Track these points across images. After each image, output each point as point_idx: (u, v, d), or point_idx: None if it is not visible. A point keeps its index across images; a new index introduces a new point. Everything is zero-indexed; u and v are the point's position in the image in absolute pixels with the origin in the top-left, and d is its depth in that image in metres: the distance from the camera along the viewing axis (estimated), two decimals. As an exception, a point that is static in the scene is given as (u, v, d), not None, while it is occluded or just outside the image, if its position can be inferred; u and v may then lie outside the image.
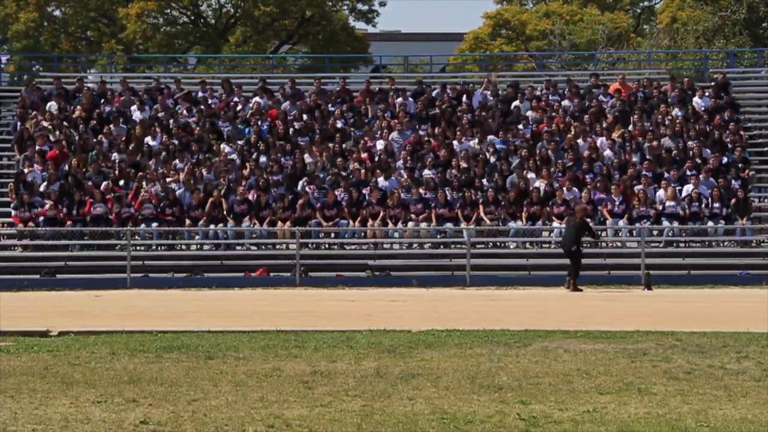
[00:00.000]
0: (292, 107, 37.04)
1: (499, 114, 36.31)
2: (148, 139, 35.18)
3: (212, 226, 32.05)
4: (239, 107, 37.04)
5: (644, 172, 33.00)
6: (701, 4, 58.31)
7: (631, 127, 35.27)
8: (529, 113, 36.31)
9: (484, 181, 33.01)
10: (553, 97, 37.29)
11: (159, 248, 32.53)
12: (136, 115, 36.63)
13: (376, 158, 34.21)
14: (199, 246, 32.47)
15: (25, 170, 33.76)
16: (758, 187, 35.06)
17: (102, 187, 32.73)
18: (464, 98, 37.27)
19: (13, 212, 32.62)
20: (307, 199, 32.22)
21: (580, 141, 34.71)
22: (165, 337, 18.13)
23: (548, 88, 37.71)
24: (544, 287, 28.91)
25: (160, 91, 37.89)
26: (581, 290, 27.77)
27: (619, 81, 38.24)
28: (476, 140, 34.87)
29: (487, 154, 34.26)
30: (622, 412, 11.69)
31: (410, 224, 32.12)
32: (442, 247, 32.43)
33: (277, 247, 32.45)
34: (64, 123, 36.00)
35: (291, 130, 35.71)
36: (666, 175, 32.89)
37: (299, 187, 32.87)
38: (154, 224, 32.10)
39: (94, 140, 35.25)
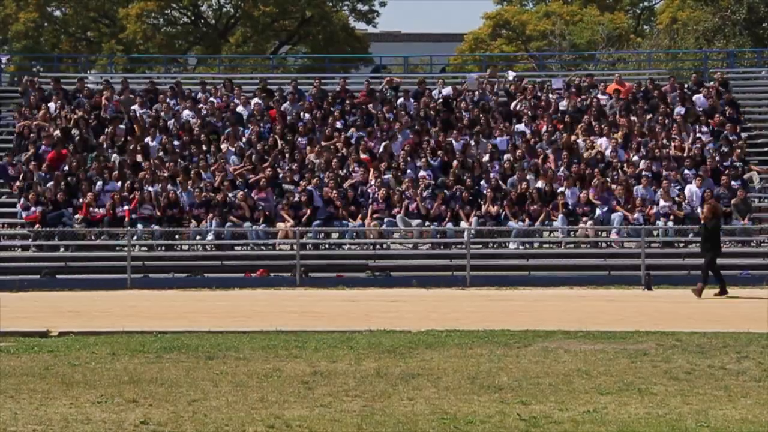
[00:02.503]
0: (292, 107, 37.06)
1: (499, 114, 36.31)
2: (148, 139, 35.19)
3: (212, 226, 32.02)
4: (239, 107, 37.06)
5: (644, 172, 33.00)
6: (701, 4, 58.31)
7: (631, 127, 35.24)
8: (529, 113, 36.30)
9: (483, 182, 33.04)
10: (553, 96, 37.29)
11: (159, 248, 32.50)
12: (136, 115, 36.62)
13: (377, 158, 34.24)
14: (199, 246, 32.45)
15: (25, 170, 33.74)
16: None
17: (102, 188, 32.73)
18: (464, 98, 37.27)
19: (21, 212, 32.65)
20: (306, 198, 32.21)
21: (580, 141, 34.71)
22: (165, 337, 18.13)
23: (545, 89, 37.67)
24: (544, 287, 28.90)
25: (158, 91, 37.92)
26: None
27: (615, 81, 38.22)
28: (475, 140, 34.85)
29: (486, 155, 34.27)
30: (622, 412, 11.69)
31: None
32: (442, 247, 32.40)
33: (277, 247, 32.44)
34: (64, 123, 35.98)
35: (291, 129, 35.70)
36: (666, 174, 32.87)
37: (299, 187, 32.85)
38: (154, 224, 32.10)
39: (94, 140, 35.27)
